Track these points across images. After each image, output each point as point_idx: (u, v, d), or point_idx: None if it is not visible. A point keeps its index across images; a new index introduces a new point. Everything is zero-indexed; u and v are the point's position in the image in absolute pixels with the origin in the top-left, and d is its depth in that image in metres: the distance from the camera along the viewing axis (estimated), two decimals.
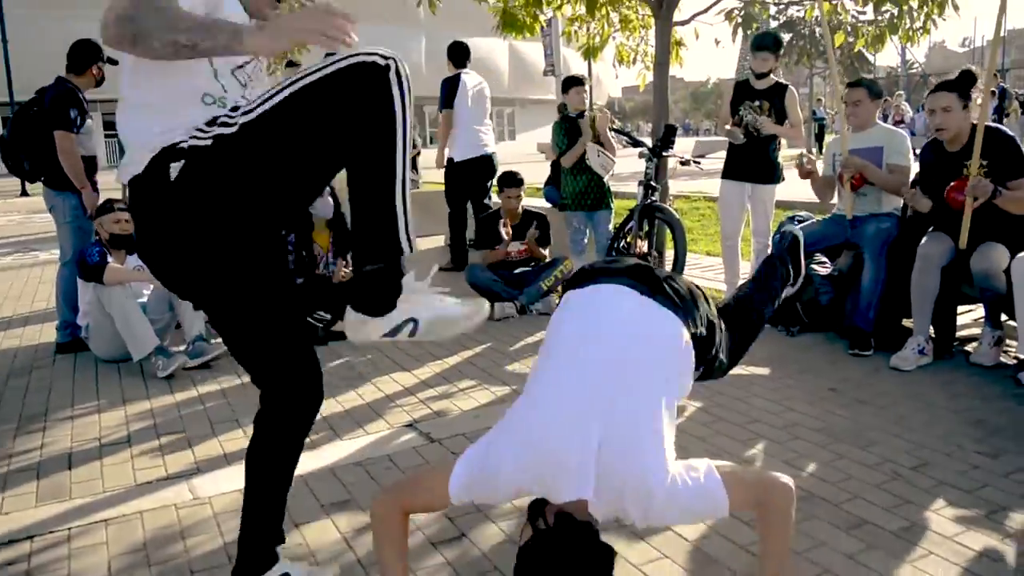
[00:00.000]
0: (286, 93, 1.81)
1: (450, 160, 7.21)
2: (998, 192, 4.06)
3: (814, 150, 21.76)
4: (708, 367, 2.40)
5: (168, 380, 4.40)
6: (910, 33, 5.83)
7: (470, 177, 7.16)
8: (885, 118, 22.48)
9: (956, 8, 5.70)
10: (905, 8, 5.79)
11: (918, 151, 17.72)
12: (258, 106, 1.84)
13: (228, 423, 3.75)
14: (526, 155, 29.63)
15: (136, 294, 4.71)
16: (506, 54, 41.36)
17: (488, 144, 7.18)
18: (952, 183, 4.19)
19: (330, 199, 5.29)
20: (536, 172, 7.27)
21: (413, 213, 1.91)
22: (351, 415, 3.81)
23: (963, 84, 4.22)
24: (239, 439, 3.53)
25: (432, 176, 9.20)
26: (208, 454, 3.40)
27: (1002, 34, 4.52)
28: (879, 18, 6.13)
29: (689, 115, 67.82)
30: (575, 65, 26.87)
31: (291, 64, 8.10)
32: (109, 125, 28.81)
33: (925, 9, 5.74)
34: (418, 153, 8.93)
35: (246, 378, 4.32)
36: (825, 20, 4.64)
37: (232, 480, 3.08)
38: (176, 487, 3.09)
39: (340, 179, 1.98)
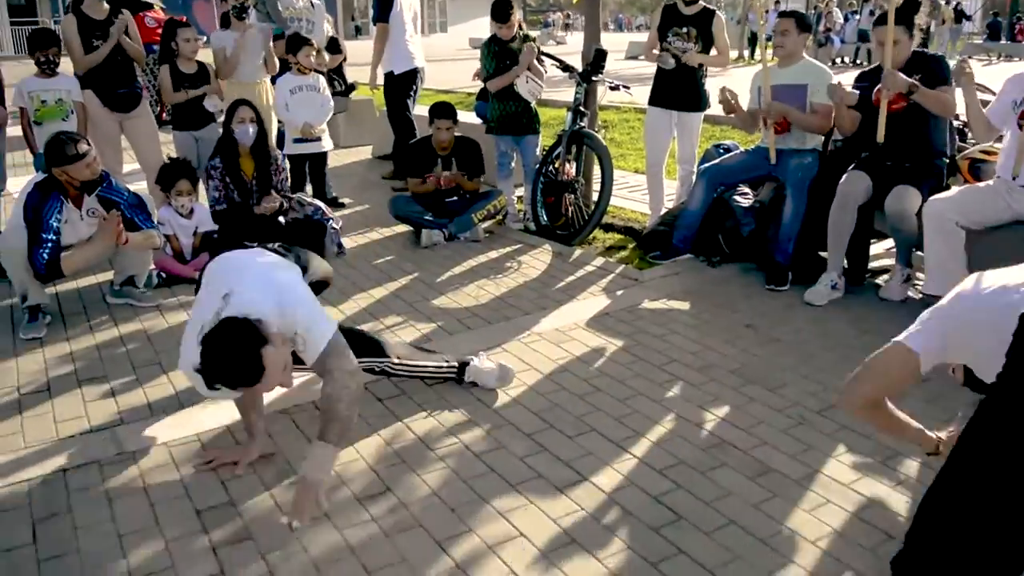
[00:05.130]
0: None
1: (390, 74, 7.12)
2: (915, 87, 4.13)
3: (745, 54, 21.69)
4: None
5: (87, 319, 4.28)
6: None
7: (406, 88, 7.13)
8: (818, 20, 22.49)
9: None
10: None
11: (847, 59, 17.98)
12: None
13: (151, 367, 3.68)
14: (457, 50, 28.89)
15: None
16: None
17: (417, 57, 7.17)
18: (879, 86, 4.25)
19: (251, 126, 5.08)
20: (468, 69, 7.14)
21: (344, 124, 1.97)
22: None
23: (907, 14, 4.23)
24: (163, 385, 3.50)
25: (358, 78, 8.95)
26: (131, 403, 3.35)
27: None
28: None
29: (623, 9, 66.52)
30: None
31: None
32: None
33: None
34: (344, 59, 8.63)
35: (171, 318, 4.26)
36: None
37: (156, 433, 3.09)
38: (101, 441, 3.05)
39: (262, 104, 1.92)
